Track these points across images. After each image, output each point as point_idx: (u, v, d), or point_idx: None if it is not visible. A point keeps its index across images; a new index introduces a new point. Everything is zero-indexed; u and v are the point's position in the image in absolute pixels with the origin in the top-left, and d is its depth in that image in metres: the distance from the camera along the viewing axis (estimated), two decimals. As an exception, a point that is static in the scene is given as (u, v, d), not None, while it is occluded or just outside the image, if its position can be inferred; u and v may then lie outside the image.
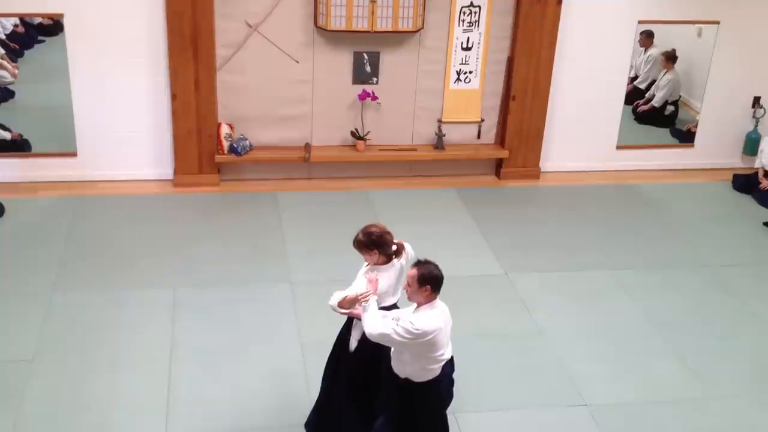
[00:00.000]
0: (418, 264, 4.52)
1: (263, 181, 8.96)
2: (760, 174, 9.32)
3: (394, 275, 4.97)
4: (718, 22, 9.34)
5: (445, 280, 4.52)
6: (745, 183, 9.44)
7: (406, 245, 5.14)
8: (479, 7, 8.73)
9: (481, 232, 8.21)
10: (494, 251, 7.86)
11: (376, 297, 4.58)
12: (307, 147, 8.87)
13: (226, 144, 8.68)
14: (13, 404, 5.58)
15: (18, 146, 8.65)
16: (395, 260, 4.98)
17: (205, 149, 8.65)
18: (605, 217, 8.70)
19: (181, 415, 5.58)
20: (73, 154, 8.62)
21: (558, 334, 6.69)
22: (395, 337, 4.40)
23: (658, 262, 7.87)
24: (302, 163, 8.88)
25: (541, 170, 9.49)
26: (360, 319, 4.67)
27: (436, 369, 4.61)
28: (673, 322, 6.95)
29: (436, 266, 4.53)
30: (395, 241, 4.96)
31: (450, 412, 5.73)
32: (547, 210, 8.79)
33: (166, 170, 8.83)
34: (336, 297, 4.72)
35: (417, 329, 4.38)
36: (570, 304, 7.12)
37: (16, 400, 5.62)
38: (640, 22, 9.22)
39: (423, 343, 4.43)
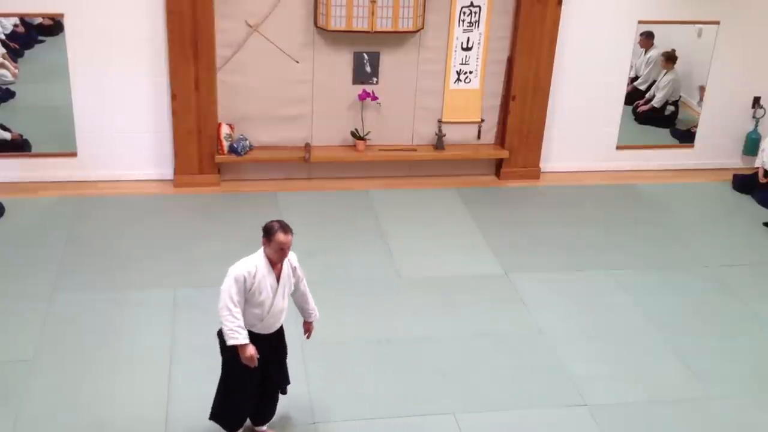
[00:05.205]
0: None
1: (263, 181, 8.96)
2: (760, 173, 9.31)
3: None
4: (718, 22, 9.34)
5: (445, 280, 4.52)
6: (745, 183, 9.43)
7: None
8: (479, 7, 8.73)
9: (481, 232, 8.20)
10: (494, 251, 7.86)
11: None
12: (307, 147, 8.86)
13: (226, 144, 8.68)
14: (13, 404, 5.58)
15: (18, 146, 8.65)
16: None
17: (205, 149, 8.65)
18: (605, 217, 8.70)
19: (181, 415, 5.58)
20: (73, 154, 8.62)
21: (558, 334, 6.69)
22: None
23: (658, 262, 7.87)
24: (302, 163, 8.88)
25: (541, 170, 9.49)
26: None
27: None
28: (673, 322, 6.95)
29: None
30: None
31: (450, 412, 5.75)
32: (547, 210, 8.79)
33: (166, 170, 8.83)
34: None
35: None
36: (570, 304, 7.12)
37: (16, 400, 5.62)
38: (640, 22, 9.22)
39: None
